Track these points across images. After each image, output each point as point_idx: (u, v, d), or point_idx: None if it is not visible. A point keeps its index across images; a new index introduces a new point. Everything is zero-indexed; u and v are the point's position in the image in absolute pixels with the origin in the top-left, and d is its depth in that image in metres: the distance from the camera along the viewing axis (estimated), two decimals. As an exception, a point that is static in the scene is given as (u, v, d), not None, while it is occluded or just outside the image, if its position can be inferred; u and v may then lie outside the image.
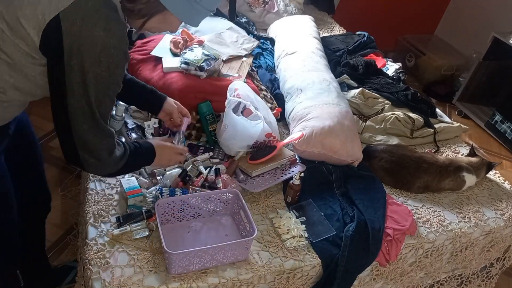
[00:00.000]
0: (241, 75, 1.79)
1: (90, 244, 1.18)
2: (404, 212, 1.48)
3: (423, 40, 4.15)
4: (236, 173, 1.49)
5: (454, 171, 1.64)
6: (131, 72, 1.79)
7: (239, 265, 1.22)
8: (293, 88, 1.86)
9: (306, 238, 1.34)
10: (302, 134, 1.57)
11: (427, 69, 3.88)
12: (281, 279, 1.26)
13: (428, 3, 4.08)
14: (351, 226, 1.37)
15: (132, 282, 1.11)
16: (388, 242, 1.39)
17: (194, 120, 1.63)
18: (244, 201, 1.29)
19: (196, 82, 1.63)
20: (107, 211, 1.29)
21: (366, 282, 1.45)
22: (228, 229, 1.33)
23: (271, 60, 2.24)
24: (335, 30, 2.96)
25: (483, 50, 3.46)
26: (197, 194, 1.31)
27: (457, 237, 1.51)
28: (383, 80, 2.21)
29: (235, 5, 1.75)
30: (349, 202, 1.49)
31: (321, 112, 1.65)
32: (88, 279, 1.11)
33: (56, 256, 1.88)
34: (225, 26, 2.21)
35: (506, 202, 1.68)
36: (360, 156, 1.64)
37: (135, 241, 1.22)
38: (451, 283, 1.70)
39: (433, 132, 1.94)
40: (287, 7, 2.83)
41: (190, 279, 1.14)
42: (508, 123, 3.18)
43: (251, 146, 1.53)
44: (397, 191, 1.64)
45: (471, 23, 3.96)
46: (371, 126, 1.89)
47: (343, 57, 2.39)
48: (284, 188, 1.50)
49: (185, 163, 1.50)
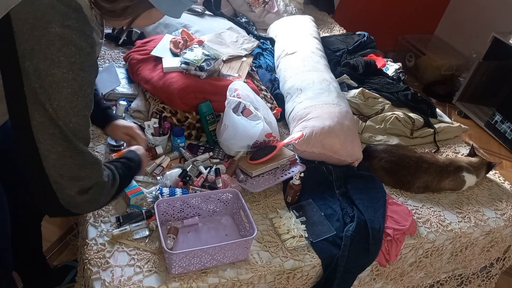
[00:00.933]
0: (241, 75, 1.79)
1: (90, 244, 1.18)
2: (404, 212, 1.48)
3: (423, 40, 4.15)
4: (236, 173, 1.49)
5: (454, 171, 1.64)
6: (131, 73, 1.80)
7: (239, 265, 1.22)
8: (293, 88, 1.86)
9: (306, 238, 1.34)
10: (302, 134, 1.57)
11: (427, 69, 3.88)
12: (281, 279, 1.26)
13: (428, 3, 4.08)
14: (351, 226, 1.37)
15: (132, 282, 1.11)
16: (388, 242, 1.39)
17: (194, 120, 1.63)
18: (244, 201, 1.29)
19: (196, 82, 1.63)
20: (107, 211, 1.29)
21: (366, 282, 1.45)
22: (228, 229, 1.33)
23: (271, 60, 2.24)
24: (335, 30, 2.96)
25: (483, 50, 3.46)
26: (197, 194, 1.31)
27: (457, 237, 1.51)
28: (383, 80, 2.21)
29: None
30: (349, 202, 1.49)
31: (321, 112, 1.65)
32: (88, 279, 1.12)
33: (56, 256, 1.88)
34: (225, 26, 2.22)
35: (506, 202, 1.68)
36: (360, 156, 1.64)
37: (135, 241, 1.22)
38: (451, 283, 1.70)
39: (433, 132, 1.94)
40: (287, 7, 2.83)
41: (190, 279, 1.14)
42: (508, 123, 3.18)
43: (251, 146, 1.53)
44: (397, 191, 1.64)
45: (471, 23, 3.96)
46: (371, 126, 1.89)
47: (343, 57, 2.39)
48: (284, 188, 1.50)
49: (185, 163, 1.50)
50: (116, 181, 0.97)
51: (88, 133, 0.89)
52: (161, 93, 1.62)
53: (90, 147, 1.49)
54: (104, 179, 0.92)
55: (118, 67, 1.91)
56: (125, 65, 1.92)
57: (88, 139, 0.90)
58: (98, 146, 1.51)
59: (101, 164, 0.92)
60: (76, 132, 0.85)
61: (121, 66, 1.95)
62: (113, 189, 0.96)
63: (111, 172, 0.97)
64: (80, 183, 0.87)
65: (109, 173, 0.96)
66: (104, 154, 1.49)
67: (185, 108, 1.61)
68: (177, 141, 1.54)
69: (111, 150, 1.47)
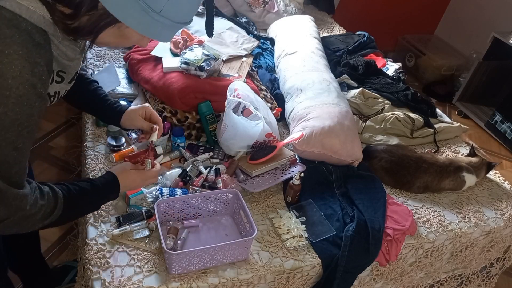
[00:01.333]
0: (241, 75, 1.79)
1: (90, 244, 1.18)
2: (404, 212, 1.48)
3: (423, 40, 4.15)
4: (236, 173, 1.49)
5: (454, 171, 1.64)
6: (131, 73, 1.80)
7: (239, 265, 1.22)
8: (293, 88, 1.86)
9: (306, 238, 1.34)
10: (302, 134, 1.57)
11: (427, 69, 3.88)
12: (281, 279, 1.26)
13: (428, 3, 4.08)
14: (351, 226, 1.37)
15: (132, 282, 1.11)
16: (388, 242, 1.39)
17: (194, 120, 1.63)
18: (244, 201, 1.29)
19: (196, 82, 1.63)
20: (107, 211, 1.29)
21: (366, 282, 1.45)
22: (228, 229, 1.33)
23: (271, 60, 2.24)
24: (335, 30, 2.96)
25: (483, 50, 3.46)
26: (197, 194, 1.31)
27: (457, 237, 1.51)
28: (383, 80, 2.21)
29: (213, 20, 1.49)
30: (349, 202, 1.49)
31: (321, 112, 1.65)
32: (88, 279, 1.12)
33: (56, 256, 1.88)
34: (225, 26, 2.21)
35: (506, 202, 1.68)
36: (360, 156, 1.64)
37: (135, 241, 1.22)
38: (451, 283, 1.70)
39: (433, 132, 1.94)
40: (287, 7, 2.83)
41: (190, 279, 1.14)
42: (508, 123, 3.18)
43: (251, 146, 1.53)
44: (397, 191, 1.64)
45: (471, 23, 3.96)
46: (371, 126, 1.89)
47: (343, 57, 2.39)
48: (284, 188, 1.50)
49: (185, 163, 1.50)
50: (58, 203, 0.90)
51: (19, 165, 0.82)
52: (161, 93, 1.62)
53: (90, 147, 1.50)
54: (28, 208, 0.83)
55: (118, 67, 1.91)
56: (125, 65, 1.92)
57: (18, 172, 0.82)
58: (98, 146, 1.52)
59: (26, 196, 0.83)
60: (0, 165, 0.78)
61: (121, 66, 1.95)
62: (52, 210, 0.89)
63: (51, 194, 0.89)
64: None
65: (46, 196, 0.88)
66: (104, 154, 1.49)
67: (185, 108, 1.61)
68: (177, 141, 1.54)
69: (111, 150, 1.47)
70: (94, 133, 1.57)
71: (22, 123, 0.78)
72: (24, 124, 0.79)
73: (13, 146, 0.79)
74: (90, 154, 1.48)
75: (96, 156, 1.48)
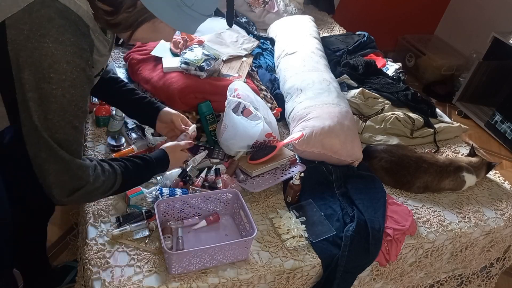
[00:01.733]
0: (241, 75, 1.79)
1: (90, 244, 1.18)
2: (404, 212, 1.48)
3: (423, 40, 4.15)
4: (236, 173, 1.49)
5: (454, 171, 1.64)
6: (131, 73, 1.80)
7: (239, 265, 1.22)
8: (293, 88, 1.86)
9: (306, 238, 1.34)
10: (302, 134, 1.57)
11: (427, 69, 3.88)
12: (281, 279, 1.26)
13: (428, 3, 4.09)
14: (351, 226, 1.37)
15: (132, 282, 1.11)
16: (388, 242, 1.39)
17: (194, 120, 1.63)
18: (244, 201, 1.29)
19: (196, 82, 1.63)
20: (107, 211, 1.29)
21: (366, 282, 1.45)
22: (228, 229, 1.33)
23: (271, 60, 2.24)
24: (335, 30, 2.96)
25: (483, 50, 3.46)
26: (197, 194, 1.31)
27: (457, 237, 1.51)
28: (383, 80, 2.21)
29: (233, 11, 1.62)
30: (349, 202, 1.49)
31: (321, 112, 1.65)
32: (88, 279, 1.12)
33: (56, 256, 1.88)
34: (225, 26, 2.20)
35: (506, 202, 1.68)
36: (360, 156, 1.64)
37: (135, 241, 1.22)
38: (451, 283, 1.70)
39: (433, 132, 1.94)
40: (287, 7, 2.83)
41: (190, 279, 1.14)
42: (508, 123, 3.18)
43: (251, 146, 1.53)
44: (397, 191, 1.64)
45: (471, 23, 3.96)
46: (371, 126, 1.89)
47: (343, 57, 2.39)
48: (284, 188, 1.50)
49: (185, 163, 1.50)
50: (116, 179, 1.01)
51: (77, 142, 0.92)
52: (161, 93, 1.62)
53: (90, 147, 1.50)
54: (91, 181, 0.95)
55: (118, 67, 1.91)
56: (125, 65, 1.92)
57: (75, 148, 0.91)
58: (98, 146, 1.52)
59: (88, 167, 0.94)
60: (62, 142, 0.88)
61: (121, 66, 1.95)
62: (113, 185, 1.01)
63: (111, 170, 1.01)
64: (66, 187, 0.92)
65: (107, 172, 0.99)
66: (104, 154, 1.49)
67: (185, 108, 1.61)
68: (177, 141, 1.54)
69: (111, 150, 1.47)
70: (94, 133, 1.57)
71: (78, 103, 0.88)
72: (79, 104, 0.88)
73: (72, 125, 0.88)
74: (90, 154, 1.48)
75: (96, 156, 1.47)
